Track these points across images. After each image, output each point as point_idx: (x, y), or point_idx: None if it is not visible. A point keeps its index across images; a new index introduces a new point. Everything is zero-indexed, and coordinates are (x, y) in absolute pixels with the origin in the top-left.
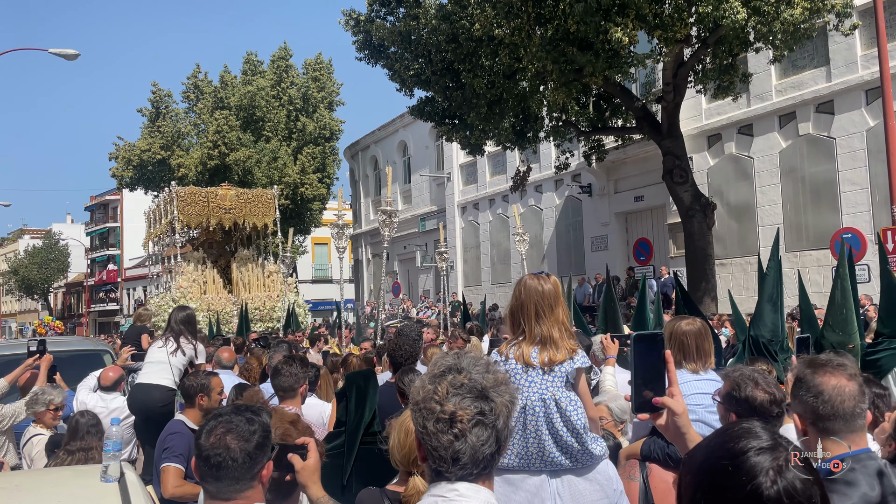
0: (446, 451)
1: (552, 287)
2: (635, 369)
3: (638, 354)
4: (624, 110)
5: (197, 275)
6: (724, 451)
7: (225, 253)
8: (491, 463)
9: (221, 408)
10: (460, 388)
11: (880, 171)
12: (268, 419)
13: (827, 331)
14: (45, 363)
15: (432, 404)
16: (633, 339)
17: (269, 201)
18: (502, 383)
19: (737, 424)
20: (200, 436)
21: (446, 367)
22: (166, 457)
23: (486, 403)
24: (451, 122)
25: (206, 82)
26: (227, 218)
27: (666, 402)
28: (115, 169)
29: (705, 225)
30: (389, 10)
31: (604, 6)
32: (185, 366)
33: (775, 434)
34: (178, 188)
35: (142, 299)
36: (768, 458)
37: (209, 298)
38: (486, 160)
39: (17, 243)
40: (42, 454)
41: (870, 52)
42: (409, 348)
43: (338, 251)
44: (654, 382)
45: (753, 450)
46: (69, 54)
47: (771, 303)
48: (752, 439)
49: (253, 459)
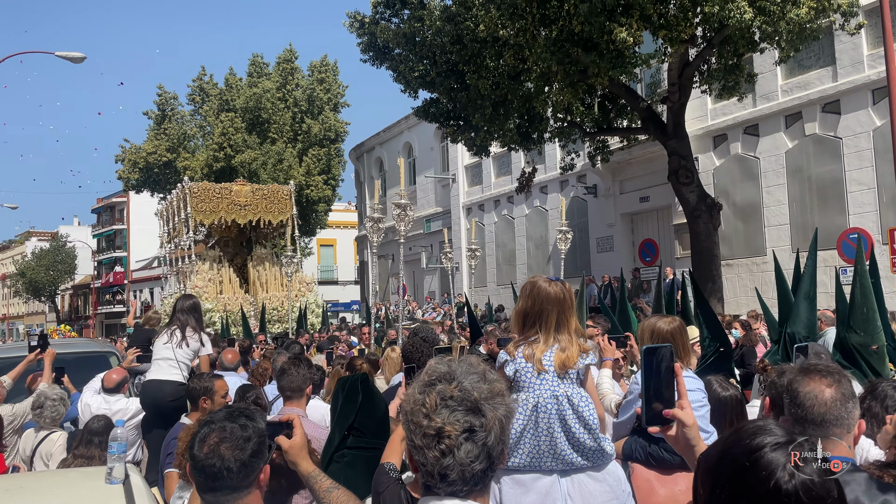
0: (433, 467)
1: (569, 294)
2: (645, 382)
3: (647, 367)
4: (629, 111)
5: (213, 274)
6: (740, 448)
7: (241, 251)
8: (483, 479)
9: (214, 413)
10: (450, 399)
11: (887, 170)
12: (263, 424)
13: (848, 332)
14: (49, 358)
15: (420, 418)
16: (643, 352)
17: (285, 197)
18: (498, 395)
19: (752, 422)
20: (193, 445)
21: (438, 376)
22: (169, 462)
23: (477, 418)
24: (456, 123)
25: (212, 84)
26: (242, 215)
27: (676, 415)
28: (121, 171)
29: (711, 225)
30: (394, 12)
31: (608, 7)
32: (191, 358)
33: (790, 430)
34: (190, 184)
35: (148, 301)
36: (785, 453)
37: (225, 298)
38: (492, 161)
39: (24, 245)
40: (63, 449)
41: (876, 52)
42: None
43: (371, 246)
44: (664, 394)
45: (769, 445)
46: (75, 57)
47: (808, 300)
48: (767, 436)
49: (249, 467)
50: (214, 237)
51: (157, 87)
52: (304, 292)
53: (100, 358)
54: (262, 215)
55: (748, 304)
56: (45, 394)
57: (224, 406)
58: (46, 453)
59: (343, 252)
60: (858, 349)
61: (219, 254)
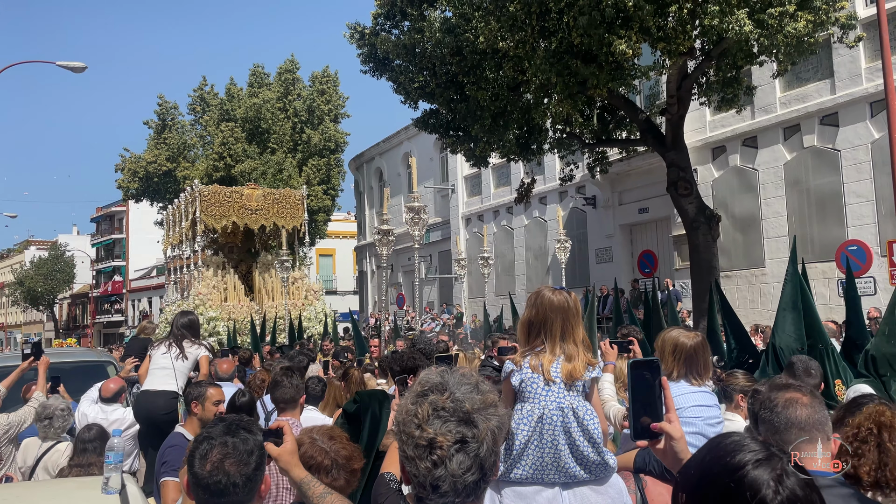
0: (425, 479)
1: (574, 304)
2: (633, 396)
3: (635, 381)
4: (628, 122)
5: (217, 280)
6: (721, 467)
7: (246, 258)
8: (475, 491)
9: (211, 428)
10: (442, 410)
11: (885, 183)
12: (260, 435)
13: (880, 340)
14: (43, 366)
15: (412, 428)
16: (630, 366)
17: (297, 202)
18: (490, 406)
19: (726, 437)
20: (194, 462)
21: (430, 386)
22: (165, 471)
23: (469, 429)
24: (456, 133)
25: (213, 94)
26: (254, 220)
27: (664, 428)
28: (121, 180)
29: (710, 237)
30: (394, 24)
31: (608, 19)
32: (191, 368)
33: (766, 443)
34: (200, 187)
35: (146, 310)
36: (767, 469)
37: (230, 306)
38: (491, 172)
39: (23, 254)
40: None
41: (874, 65)
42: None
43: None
44: (652, 408)
45: (751, 463)
46: (76, 66)
47: (795, 311)
48: (746, 452)
49: (254, 481)
50: (220, 242)
51: (158, 97)
52: (312, 300)
53: (97, 367)
54: (275, 220)
55: (747, 316)
56: (54, 405)
57: (217, 419)
58: (53, 464)
59: (342, 262)
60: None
61: (223, 260)
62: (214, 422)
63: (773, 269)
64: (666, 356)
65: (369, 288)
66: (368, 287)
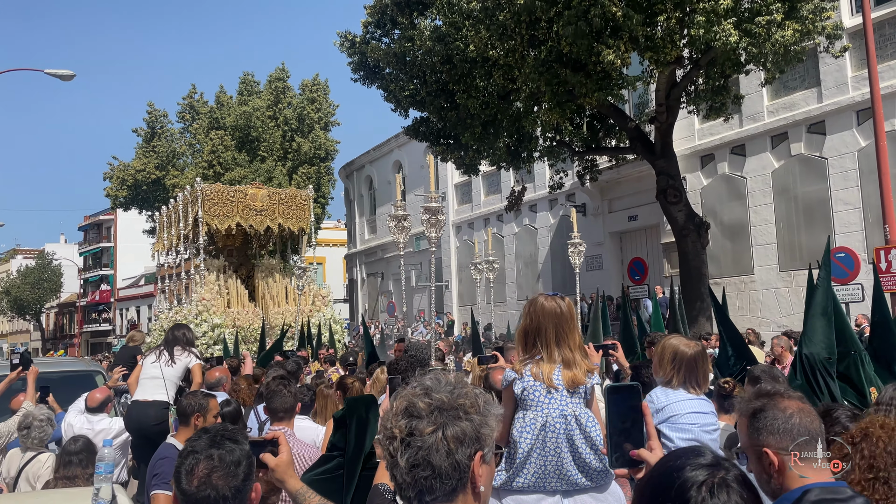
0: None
1: (569, 309)
2: (610, 422)
3: (613, 406)
4: (617, 130)
5: (220, 285)
6: (664, 468)
7: (246, 261)
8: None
9: (194, 441)
10: (413, 407)
11: (872, 190)
12: (247, 444)
13: None
14: (31, 376)
15: (386, 423)
16: (607, 391)
17: (303, 203)
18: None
19: (687, 447)
20: (181, 479)
21: (417, 387)
22: (156, 483)
23: (425, 423)
24: (446, 142)
25: (202, 102)
26: (259, 221)
27: (644, 456)
28: (109, 189)
29: (699, 244)
30: (384, 32)
31: (596, 29)
32: (180, 377)
33: (721, 458)
34: (203, 185)
35: (135, 319)
36: (703, 473)
37: (234, 313)
38: (481, 180)
39: (9, 263)
40: (50, 470)
41: (860, 74)
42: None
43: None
44: (631, 435)
45: (690, 466)
46: (65, 74)
47: (825, 317)
48: (693, 458)
49: (243, 492)
50: (217, 245)
51: (147, 105)
52: (321, 307)
53: (86, 377)
54: (281, 221)
55: (736, 323)
56: (33, 414)
57: (201, 430)
58: (34, 475)
59: (332, 270)
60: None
61: (223, 263)
62: (198, 434)
63: (761, 277)
64: (665, 363)
65: (359, 296)
66: (359, 295)
